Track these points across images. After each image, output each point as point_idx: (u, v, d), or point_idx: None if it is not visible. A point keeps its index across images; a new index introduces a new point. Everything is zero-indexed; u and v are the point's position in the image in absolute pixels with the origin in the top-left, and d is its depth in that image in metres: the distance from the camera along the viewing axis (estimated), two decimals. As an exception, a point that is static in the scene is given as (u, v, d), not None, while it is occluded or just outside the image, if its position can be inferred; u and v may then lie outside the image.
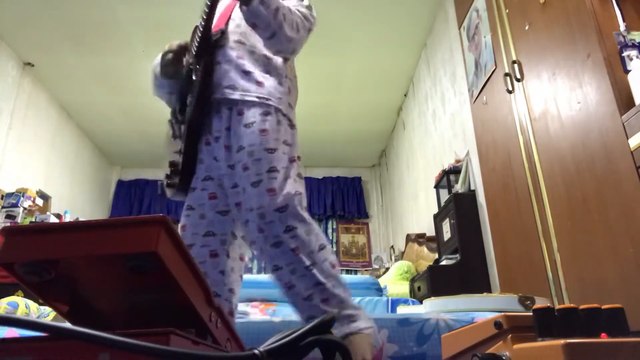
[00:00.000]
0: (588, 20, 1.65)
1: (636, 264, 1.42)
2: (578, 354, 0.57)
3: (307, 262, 1.26)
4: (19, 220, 3.94)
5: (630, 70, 1.53)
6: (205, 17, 1.44)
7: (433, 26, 4.16)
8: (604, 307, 0.65)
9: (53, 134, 5.09)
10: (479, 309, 1.61)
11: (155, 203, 6.53)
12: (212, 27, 1.47)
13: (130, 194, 6.56)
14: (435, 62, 4.16)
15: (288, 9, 1.41)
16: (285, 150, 1.37)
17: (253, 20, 1.38)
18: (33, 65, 4.54)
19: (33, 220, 4.13)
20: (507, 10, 2.32)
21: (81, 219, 5.07)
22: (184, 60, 1.52)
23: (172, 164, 1.48)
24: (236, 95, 1.39)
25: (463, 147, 3.48)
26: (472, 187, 3.25)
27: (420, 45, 4.45)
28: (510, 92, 2.25)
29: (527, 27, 2.11)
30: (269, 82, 1.43)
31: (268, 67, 1.46)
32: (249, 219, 1.30)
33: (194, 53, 1.46)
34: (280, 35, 1.39)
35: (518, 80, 2.18)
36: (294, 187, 1.33)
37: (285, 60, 1.50)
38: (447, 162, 3.70)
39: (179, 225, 1.44)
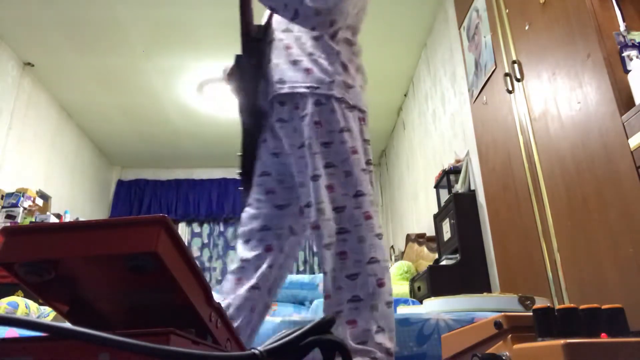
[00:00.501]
0: (588, 20, 1.65)
1: (636, 264, 1.42)
2: (578, 354, 0.57)
3: (351, 271, 1.17)
4: (19, 220, 3.94)
5: (630, 70, 1.53)
6: (240, 13, 1.38)
7: (433, 26, 4.16)
8: (604, 307, 0.65)
9: (53, 134, 5.09)
10: (479, 309, 1.60)
11: (155, 203, 6.53)
12: (250, 22, 1.40)
13: (130, 194, 6.56)
14: (435, 62, 4.16)
15: None
16: (344, 139, 1.27)
17: (267, 3, 1.29)
18: (33, 65, 4.54)
19: (33, 220, 4.13)
20: (507, 10, 2.32)
21: (81, 219, 5.07)
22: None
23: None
24: (285, 89, 1.32)
25: (463, 147, 3.48)
26: (472, 187, 3.25)
27: (420, 45, 4.45)
28: (510, 92, 2.25)
29: (527, 27, 2.11)
30: (318, 66, 1.32)
31: (317, 49, 1.34)
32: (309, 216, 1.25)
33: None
34: (303, 11, 1.25)
35: (518, 80, 2.18)
36: (355, 186, 1.25)
37: (333, 36, 1.37)
38: (447, 162, 3.70)
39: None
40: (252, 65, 1.38)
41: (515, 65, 2.19)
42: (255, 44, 1.41)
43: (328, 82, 1.30)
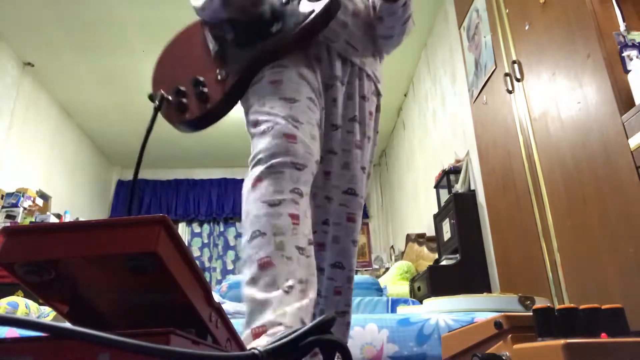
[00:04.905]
0: (588, 20, 1.65)
1: (636, 264, 1.42)
2: (578, 354, 0.57)
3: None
4: (19, 220, 3.94)
5: (630, 70, 1.53)
6: None
7: (433, 26, 4.16)
8: (604, 307, 0.65)
9: (53, 134, 5.09)
10: (479, 309, 1.61)
11: (155, 203, 6.53)
12: None
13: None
14: (435, 62, 4.16)
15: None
16: None
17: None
18: (33, 65, 4.54)
19: (33, 220, 4.13)
20: (507, 10, 2.32)
21: (81, 219, 5.07)
22: None
23: (198, 82, 1.15)
24: (379, 87, 1.38)
25: (463, 147, 3.48)
26: (472, 187, 3.25)
27: (420, 45, 4.45)
28: (510, 92, 2.25)
29: (527, 27, 2.11)
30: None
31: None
32: (336, 197, 1.19)
33: None
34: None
35: (518, 80, 2.18)
36: None
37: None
38: (447, 162, 3.70)
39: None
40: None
41: (515, 65, 2.19)
42: None
43: None
